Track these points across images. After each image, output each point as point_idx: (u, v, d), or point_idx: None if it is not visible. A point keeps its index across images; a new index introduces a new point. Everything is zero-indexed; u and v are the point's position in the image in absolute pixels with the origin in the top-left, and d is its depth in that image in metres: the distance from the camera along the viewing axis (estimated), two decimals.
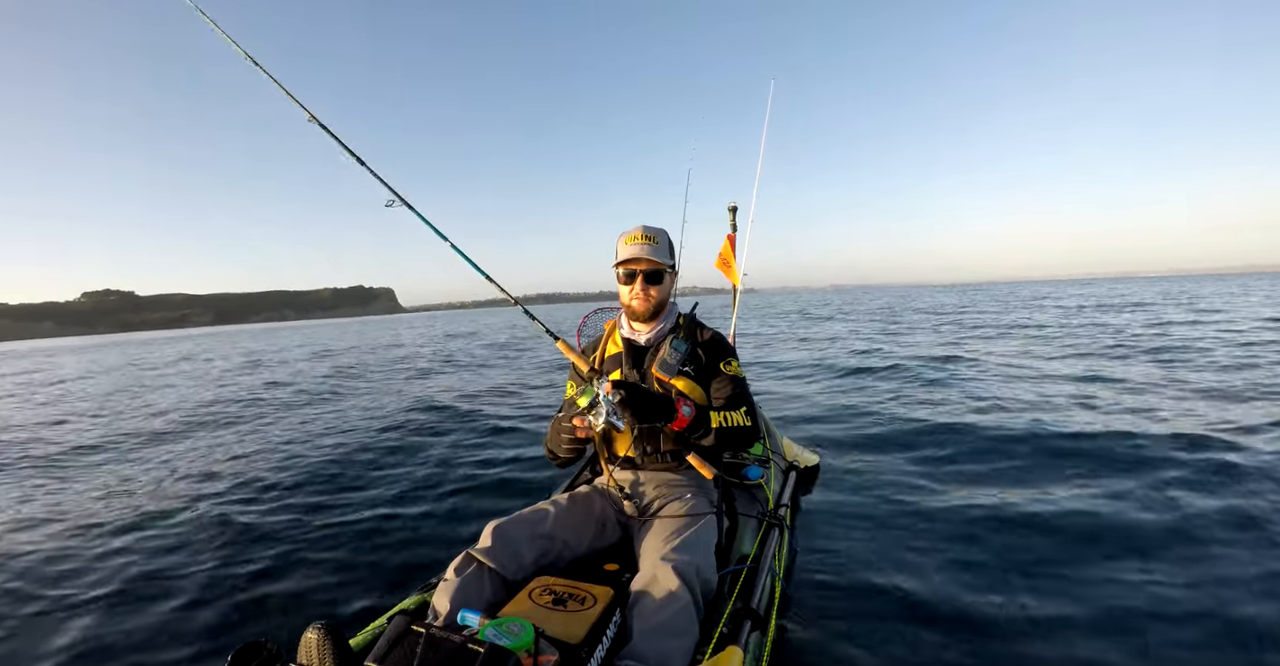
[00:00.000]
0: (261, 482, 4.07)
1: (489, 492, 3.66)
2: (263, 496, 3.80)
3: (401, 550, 2.85)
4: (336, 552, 2.85)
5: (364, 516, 3.31)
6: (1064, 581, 2.21)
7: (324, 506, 3.54)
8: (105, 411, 8.47)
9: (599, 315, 2.77)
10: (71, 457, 5.47)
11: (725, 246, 3.55)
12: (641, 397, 1.50)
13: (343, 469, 4.34)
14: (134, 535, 3.20)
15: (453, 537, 2.95)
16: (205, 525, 3.28)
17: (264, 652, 0.94)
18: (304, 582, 2.56)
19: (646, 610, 1.30)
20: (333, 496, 3.73)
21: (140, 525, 3.35)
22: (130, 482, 4.39)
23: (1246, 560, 2.29)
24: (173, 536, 3.16)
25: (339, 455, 4.73)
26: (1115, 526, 2.62)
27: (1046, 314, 17.30)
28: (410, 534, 3.05)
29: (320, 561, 2.75)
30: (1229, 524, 2.60)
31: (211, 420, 7.05)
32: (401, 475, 4.12)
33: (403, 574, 2.57)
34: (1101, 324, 12.94)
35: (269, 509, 3.54)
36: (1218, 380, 5.86)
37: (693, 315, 1.89)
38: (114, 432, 6.61)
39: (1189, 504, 2.81)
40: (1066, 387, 5.83)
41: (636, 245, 1.74)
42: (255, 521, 3.30)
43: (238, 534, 3.13)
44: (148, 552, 2.97)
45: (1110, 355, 8.07)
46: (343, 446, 5.01)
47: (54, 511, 3.73)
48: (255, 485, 4.03)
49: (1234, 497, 2.86)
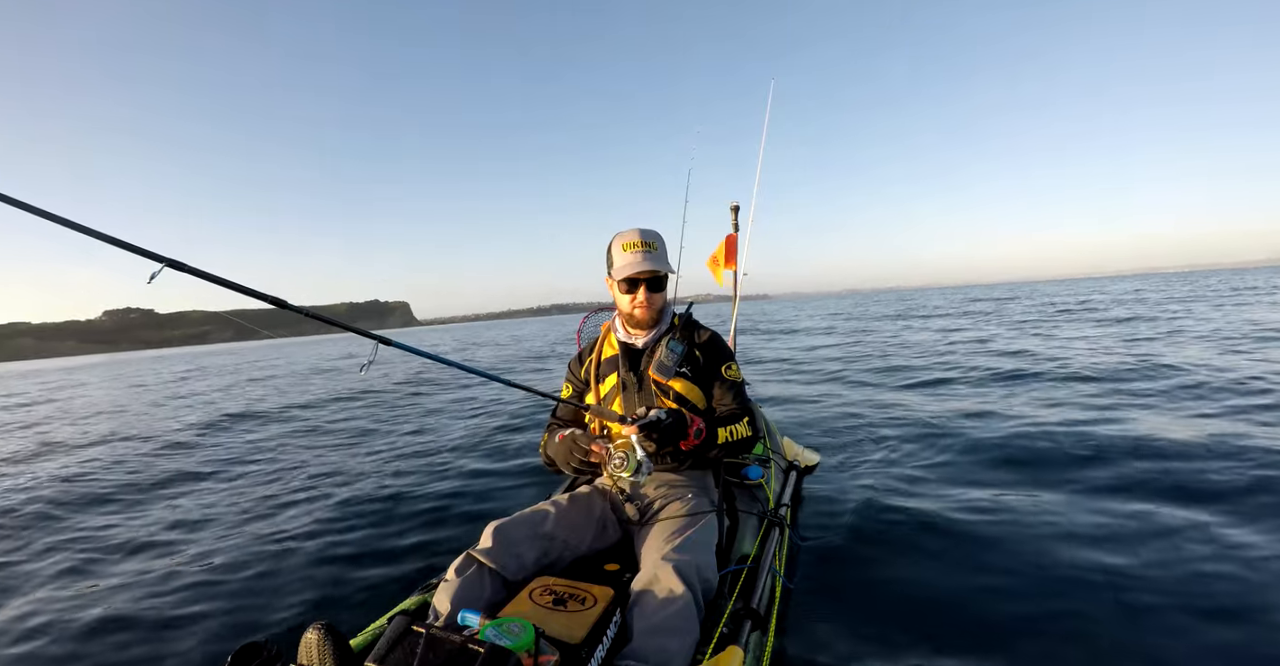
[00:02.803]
0: (256, 479, 4.07)
1: (489, 492, 3.66)
2: (259, 493, 3.80)
3: (402, 550, 2.85)
4: (336, 552, 2.85)
5: (364, 517, 3.31)
6: (1065, 583, 2.20)
7: (325, 507, 3.54)
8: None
9: (598, 317, 2.77)
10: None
11: (720, 246, 3.54)
12: (665, 432, 1.50)
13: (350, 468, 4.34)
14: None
15: (453, 538, 2.95)
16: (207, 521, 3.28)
17: (264, 653, 0.94)
18: (304, 582, 2.56)
19: (647, 610, 1.30)
20: (332, 497, 3.73)
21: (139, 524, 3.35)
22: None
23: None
24: (175, 536, 3.16)
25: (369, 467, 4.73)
26: (1127, 531, 2.59)
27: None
28: (410, 533, 3.04)
29: (320, 561, 2.75)
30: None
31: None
32: (402, 473, 4.12)
33: (403, 574, 2.57)
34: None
35: (268, 508, 3.54)
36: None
37: (688, 315, 1.88)
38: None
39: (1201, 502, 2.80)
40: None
41: (638, 254, 1.68)
42: (255, 520, 3.30)
43: (237, 530, 3.13)
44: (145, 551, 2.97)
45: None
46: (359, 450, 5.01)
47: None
48: (250, 479, 4.03)
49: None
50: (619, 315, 1.85)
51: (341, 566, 2.70)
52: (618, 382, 1.79)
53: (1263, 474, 3.01)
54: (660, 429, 1.49)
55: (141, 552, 3.03)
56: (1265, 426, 3.87)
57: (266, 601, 2.42)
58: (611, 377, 1.80)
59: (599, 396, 1.82)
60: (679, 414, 1.55)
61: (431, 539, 2.96)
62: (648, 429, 1.48)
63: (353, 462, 4.65)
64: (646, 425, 1.48)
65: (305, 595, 2.45)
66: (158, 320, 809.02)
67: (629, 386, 1.78)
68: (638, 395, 1.76)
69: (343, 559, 2.78)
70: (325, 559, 2.79)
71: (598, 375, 1.84)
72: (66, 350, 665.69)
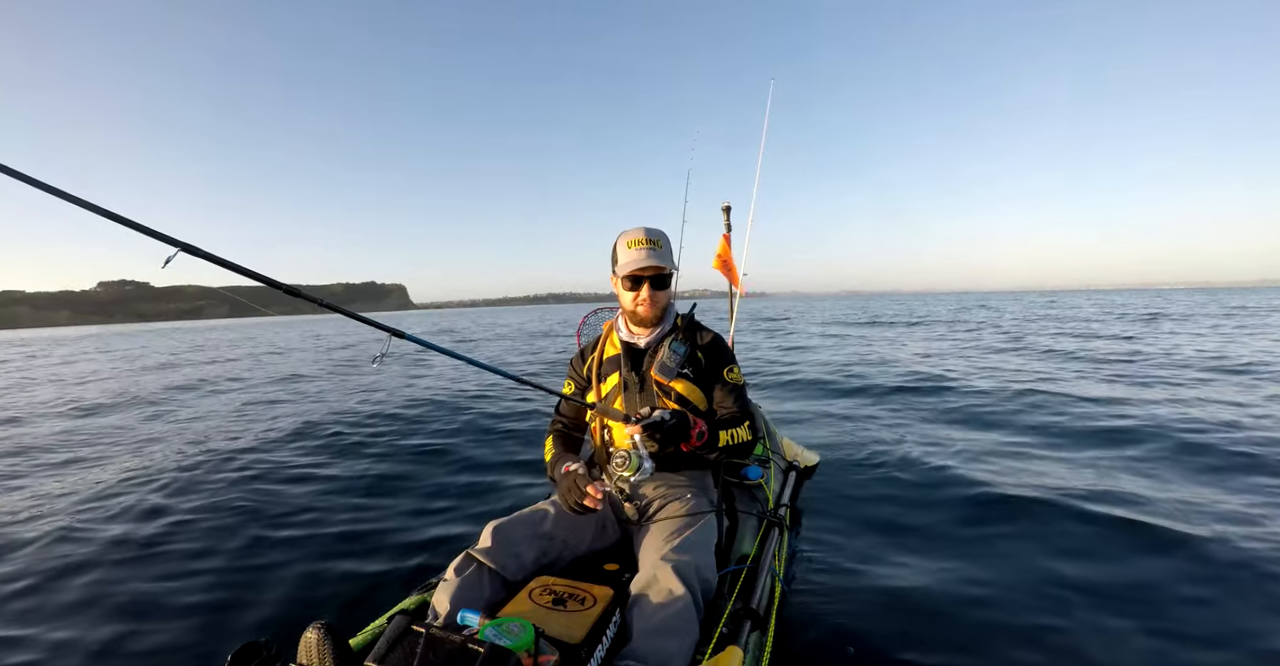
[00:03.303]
0: (244, 468, 4.07)
1: (489, 492, 3.66)
2: (254, 489, 3.79)
3: (402, 550, 2.85)
4: (336, 552, 2.85)
5: (364, 512, 3.31)
6: (1067, 584, 2.20)
7: (324, 503, 3.54)
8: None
9: (599, 315, 2.77)
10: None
11: (723, 246, 3.51)
12: (668, 433, 1.50)
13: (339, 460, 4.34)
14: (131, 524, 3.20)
15: (453, 537, 2.95)
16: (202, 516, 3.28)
17: (264, 652, 0.94)
18: (304, 582, 2.56)
19: (646, 610, 1.30)
20: (330, 495, 3.73)
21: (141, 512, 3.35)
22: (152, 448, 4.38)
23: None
24: (173, 530, 3.16)
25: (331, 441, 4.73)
26: (1131, 533, 2.60)
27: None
28: (411, 533, 3.04)
29: (320, 561, 2.75)
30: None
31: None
32: (402, 476, 4.12)
33: (403, 574, 2.57)
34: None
35: (264, 506, 3.53)
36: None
37: (691, 316, 1.88)
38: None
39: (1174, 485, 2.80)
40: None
41: (642, 251, 1.69)
42: (255, 519, 3.30)
43: (238, 530, 3.13)
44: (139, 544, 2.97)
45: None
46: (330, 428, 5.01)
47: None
48: (247, 476, 4.02)
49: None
50: (622, 313, 1.85)
51: (341, 565, 2.70)
52: (619, 382, 1.79)
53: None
54: (663, 429, 1.49)
55: (138, 551, 3.03)
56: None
57: (266, 601, 2.42)
58: (613, 377, 1.80)
59: (600, 395, 1.82)
60: (682, 415, 1.55)
61: (430, 537, 2.97)
62: (651, 429, 1.48)
63: (348, 457, 4.64)
64: (650, 425, 1.48)
65: (304, 594, 2.45)
66: (153, 293, 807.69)
67: (631, 386, 1.78)
68: (639, 395, 1.76)
69: (343, 558, 2.78)
70: (325, 558, 2.79)
71: (599, 374, 1.84)
72: (61, 320, 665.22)
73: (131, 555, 2.96)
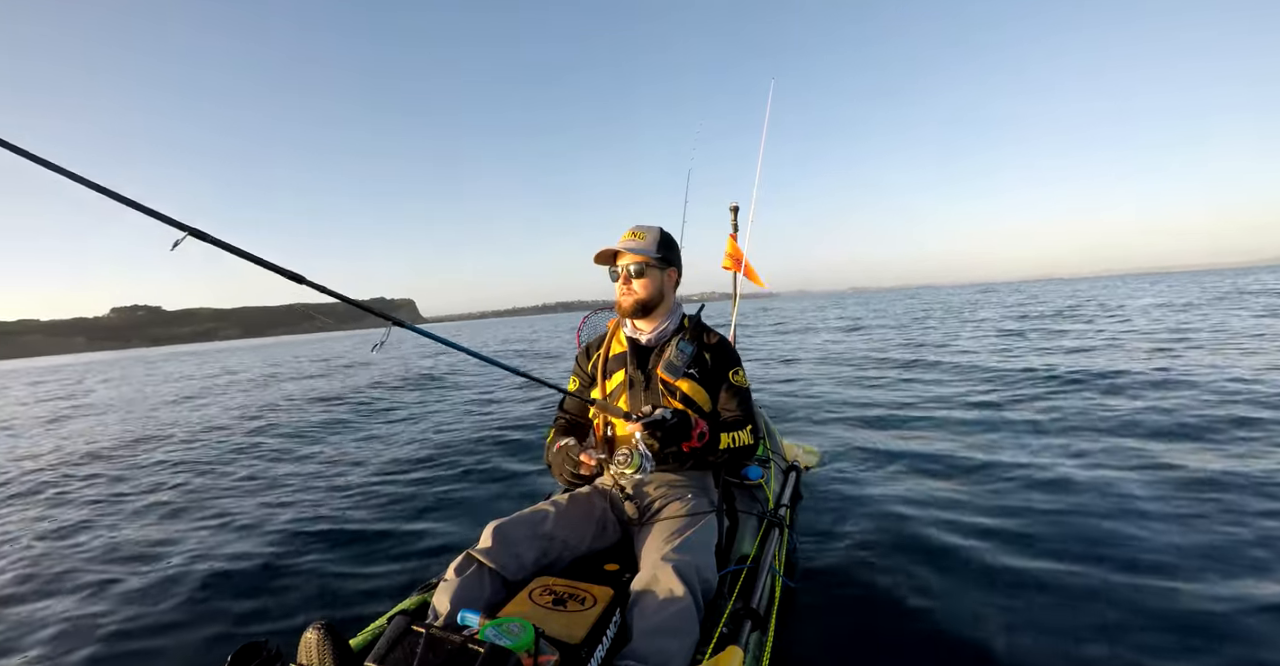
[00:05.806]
0: (259, 477, 4.07)
1: (489, 492, 3.66)
2: (254, 487, 3.80)
3: (401, 549, 2.85)
4: (335, 551, 2.85)
5: (363, 513, 3.31)
6: (1067, 586, 2.20)
7: (324, 504, 3.54)
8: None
9: (599, 316, 2.77)
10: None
11: (733, 246, 3.50)
12: (669, 432, 1.50)
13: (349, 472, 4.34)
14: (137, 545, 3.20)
15: (453, 537, 2.95)
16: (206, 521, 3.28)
17: (264, 653, 0.94)
18: (304, 582, 2.56)
19: (647, 610, 1.30)
20: (330, 494, 3.73)
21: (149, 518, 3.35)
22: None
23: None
24: (173, 533, 3.16)
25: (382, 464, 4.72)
26: (1134, 533, 2.59)
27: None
28: (410, 532, 3.04)
29: (321, 559, 2.75)
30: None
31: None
32: (402, 474, 4.12)
33: (403, 573, 2.57)
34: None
35: (264, 505, 3.54)
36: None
37: (698, 317, 1.89)
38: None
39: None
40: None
41: (621, 241, 1.77)
42: (255, 520, 3.30)
43: (238, 531, 3.13)
44: (146, 545, 2.97)
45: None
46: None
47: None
48: (255, 480, 4.03)
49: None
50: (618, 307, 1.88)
51: (341, 565, 2.70)
52: (625, 379, 1.80)
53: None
54: (665, 428, 1.49)
55: (137, 551, 3.03)
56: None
57: (266, 600, 2.42)
58: (619, 374, 1.81)
59: (605, 392, 1.83)
60: (684, 415, 1.55)
61: (431, 538, 2.97)
62: (652, 427, 1.48)
63: (352, 459, 4.64)
64: (651, 423, 1.48)
65: (304, 594, 2.45)
66: (165, 317, 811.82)
67: (636, 384, 1.78)
68: (644, 393, 1.77)
69: (342, 557, 2.78)
70: (324, 557, 2.79)
71: (605, 370, 1.85)
72: (76, 346, 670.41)
73: (129, 554, 2.96)
